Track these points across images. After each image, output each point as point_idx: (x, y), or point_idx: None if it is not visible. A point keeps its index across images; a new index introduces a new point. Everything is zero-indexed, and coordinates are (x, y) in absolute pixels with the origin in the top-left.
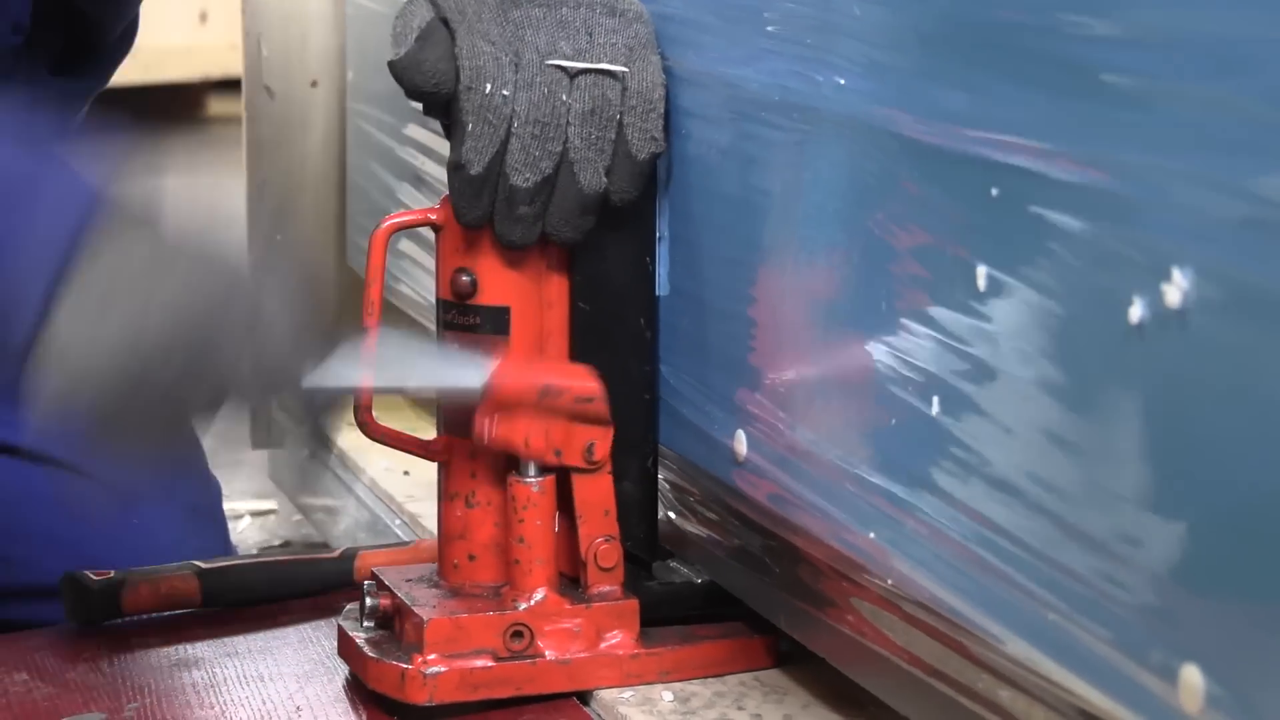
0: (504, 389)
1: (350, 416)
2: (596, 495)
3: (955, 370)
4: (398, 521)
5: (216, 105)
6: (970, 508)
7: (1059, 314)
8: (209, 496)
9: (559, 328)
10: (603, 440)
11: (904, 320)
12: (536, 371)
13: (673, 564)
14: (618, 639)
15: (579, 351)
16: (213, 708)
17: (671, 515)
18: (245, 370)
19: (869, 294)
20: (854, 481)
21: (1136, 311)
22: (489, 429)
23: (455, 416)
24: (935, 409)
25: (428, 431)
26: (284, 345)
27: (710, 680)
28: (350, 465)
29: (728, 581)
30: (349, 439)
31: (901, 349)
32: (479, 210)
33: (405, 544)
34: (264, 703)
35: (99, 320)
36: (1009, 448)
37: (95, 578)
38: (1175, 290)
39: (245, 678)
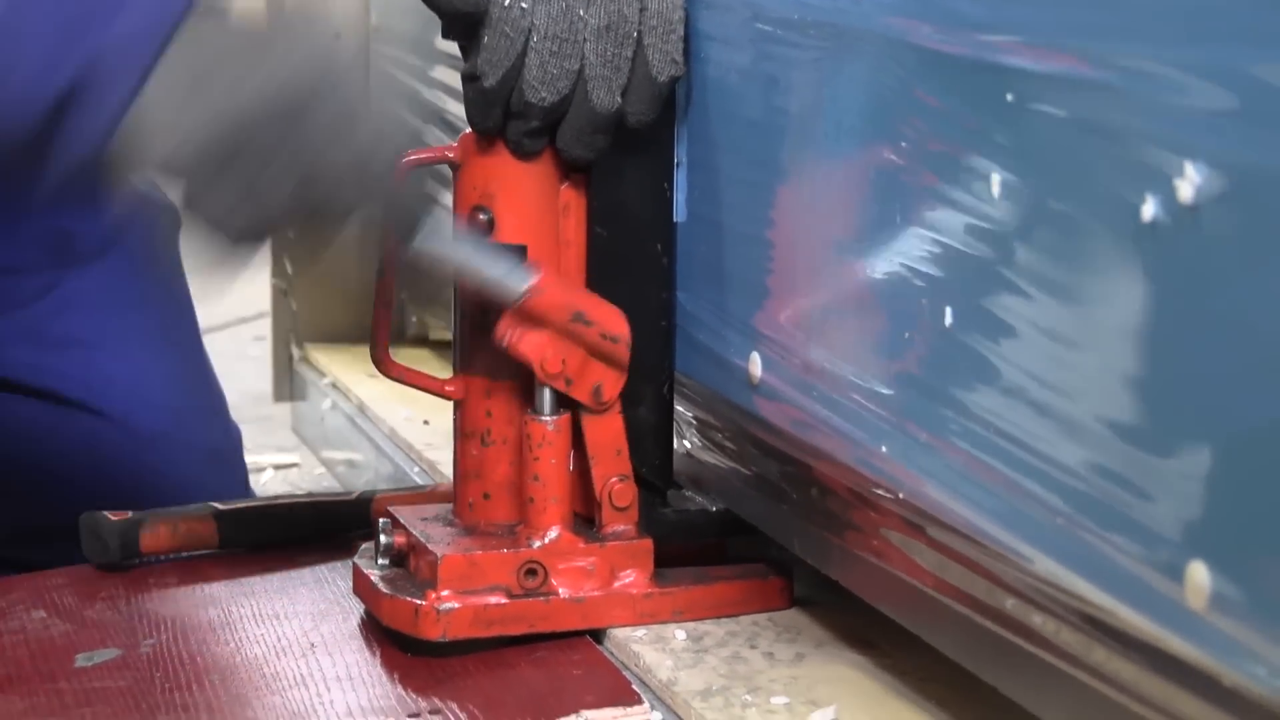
0: (541, 300)
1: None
2: (607, 435)
3: (969, 280)
4: (416, 469)
5: None
6: (982, 417)
7: (1073, 217)
8: (229, 442)
9: (576, 268)
10: (612, 384)
11: (919, 232)
12: (576, 295)
13: (688, 493)
14: (631, 578)
15: (596, 278)
16: (227, 644)
17: (688, 445)
18: (335, 162)
19: (885, 208)
20: (867, 397)
21: (1149, 209)
22: (511, 335)
23: (470, 356)
24: (949, 320)
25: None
26: (376, 142)
27: (724, 620)
28: (371, 416)
29: (744, 510)
30: (368, 389)
31: (916, 262)
32: (490, 121)
33: (422, 488)
34: (279, 639)
35: (190, 95)
36: (1021, 355)
37: (113, 518)
38: (1188, 185)
39: (260, 616)
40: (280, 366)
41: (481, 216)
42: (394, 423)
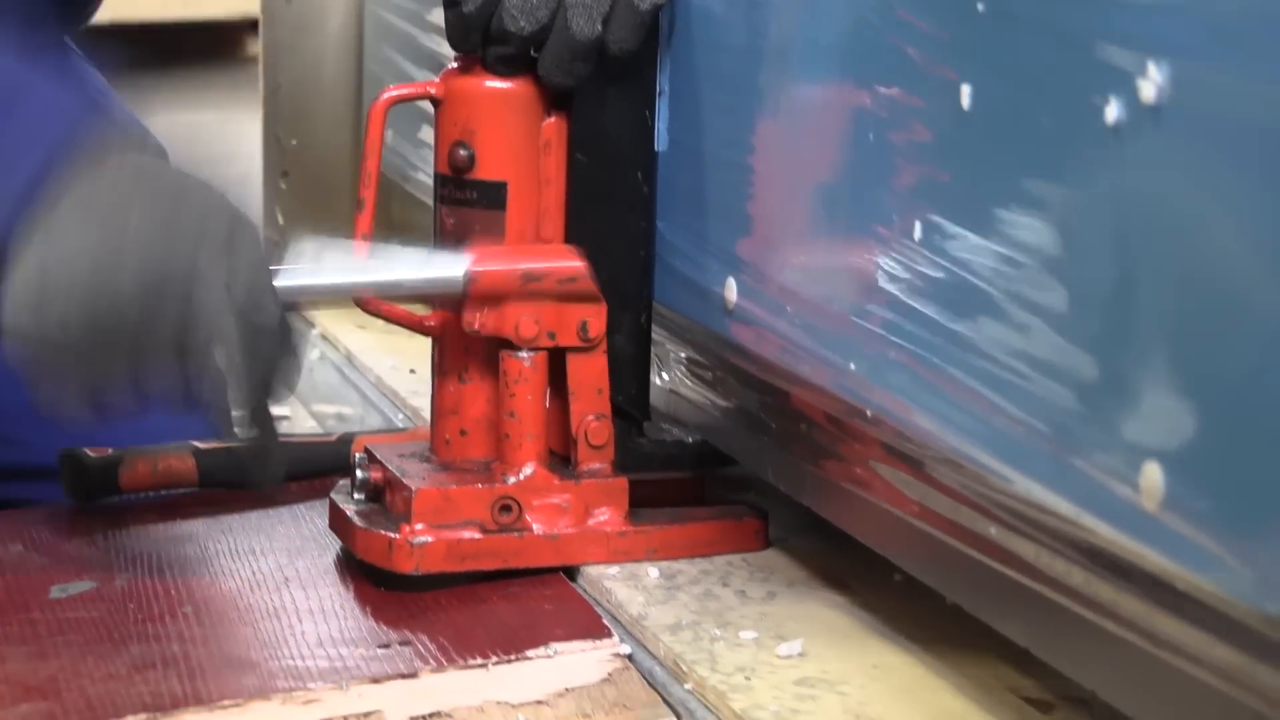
0: (486, 278)
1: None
2: (591, 373)
3: (937, 194)
4: (400, 416)
5: (255, 46)
6: (949, 329)
7: (1039, 124)
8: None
9: (555, 206)
10: (596, 317)
11: (892, 147)
12: (516, 257)
13: (665, 426)
14: (606, 516)
15: (576, 206)
16: (202, 578)
17: (666, 378)
18: (221, 292)
19: (861, 127)
20: (838, 316)
21: (1113, 112)
22: (479, 320)
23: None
24: (918, 234)
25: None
26: (261, 268)
27: (698, 560)
28: (358, 365)
29: (720, 441)
30: (356, 340)
31: (887, 178)
32: (469, 45)
33: (402, 430)
34: (253, 574)
35: (75, 233)
36: (987, 266)
37: (93, 455)
38: (1150, 85)
39: (237, 552)
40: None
41: (462, 152)
42: (380, 371)
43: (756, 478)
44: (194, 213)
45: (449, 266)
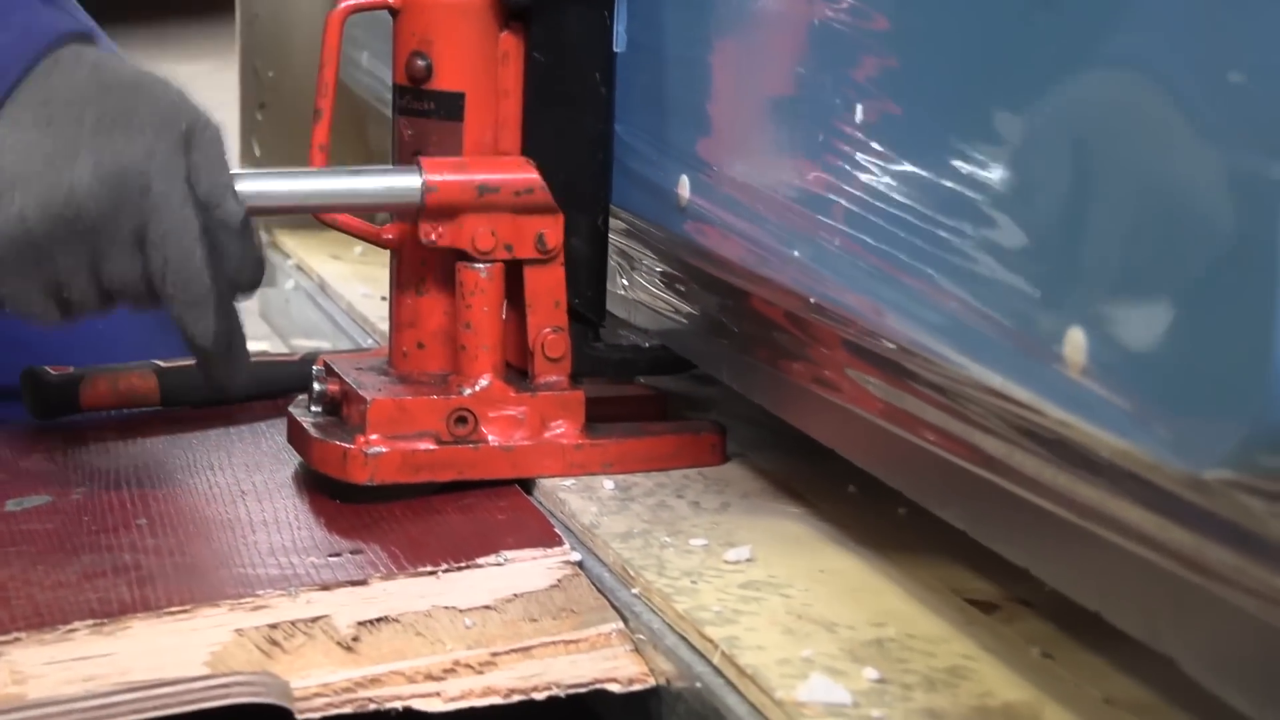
0: (442, 190)
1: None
2: (547, 285)
3: (878, 80)
4: (369, 342)
5: None
6: (880, 207)
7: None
8: None
9: (513, 118)
10: (553, 228)
11: (848, 39)
12: (472, 169)
13: (623, 333)
14: (562, 429)
15: (534, 109)
16: (159, 492)
17: (626, 284)
18: (181, 184)
19: (817, 20)
20: (782, 206)
21: None
22: (435, 233)
23: None
24: (859, 116)
25: None
26: (222, 166)
27: (654, 474)
28: (330, 293)
29: (679, 346)
30: (330, 269)
31: (833, 63)
32: None
33: (366, 350)
34: (210, 488)
35: (30, 127)
36: (916, 142)
37: (54, 373)
38: None
39: (195, 467)
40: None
41: (419, 63)
42: (352, 298)
43: (719, 399)
44: (152, 107)
45: (406, 179)
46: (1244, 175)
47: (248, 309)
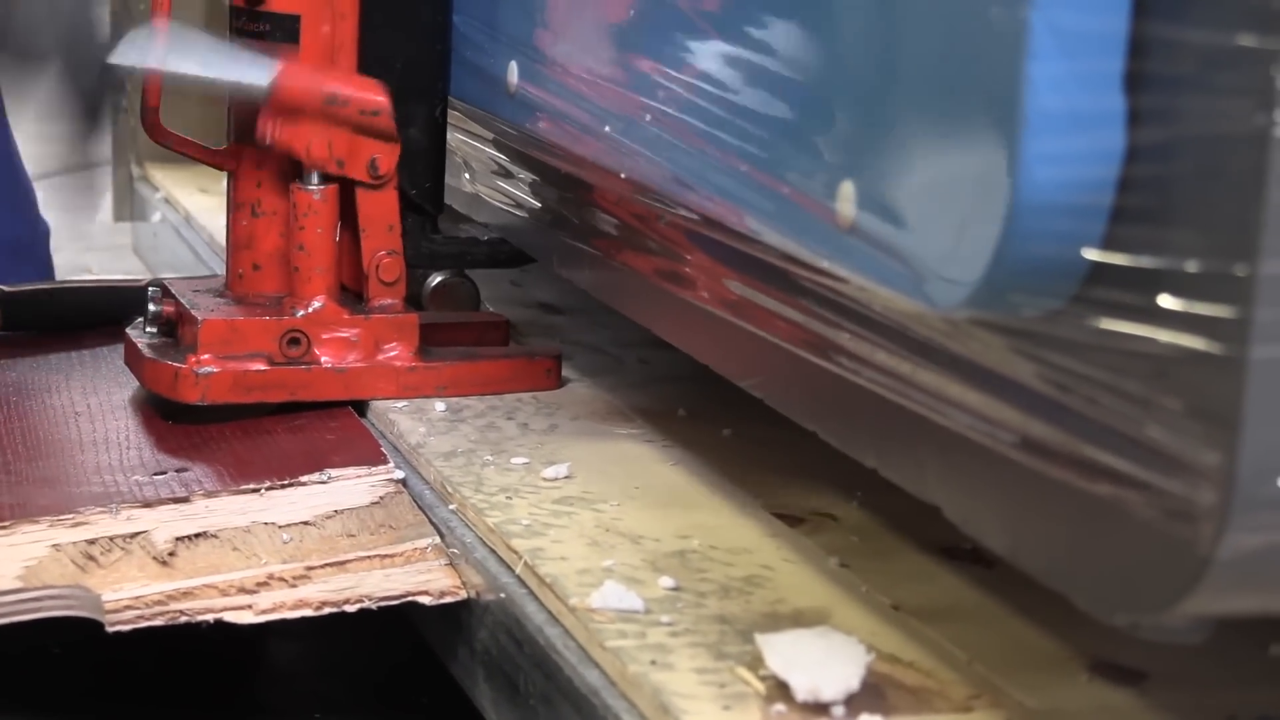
0: (289, 91)
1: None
2: (380, 210)
3: None
4: None
5: None
6: (692, 84)
7: None
8: (34, 236)
9: (349, 42)
10: (387, 156)
11: None
12: (324, 78)
13: (463, 226)
14: (396, 351)
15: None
16: None
17: (467, 178)
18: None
19: None
20: (599, 84)
21: None
22: (272, 131)
23: (245, 125)
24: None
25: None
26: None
27: (489, 397)
28: (195, 225)
29: (513, 237)
30: (197, 202)
31: None
32: None
33: (213, 276)
34: (44, 409)
35: None
36: (725, 23)
37: None
38: None
39: (30, 389)
40: (121, 187)
41: None
42: (214, 230)
43: (564, 327)
44: None
45: (257, 71)
46: (986, 20)
47: (121, 244)
